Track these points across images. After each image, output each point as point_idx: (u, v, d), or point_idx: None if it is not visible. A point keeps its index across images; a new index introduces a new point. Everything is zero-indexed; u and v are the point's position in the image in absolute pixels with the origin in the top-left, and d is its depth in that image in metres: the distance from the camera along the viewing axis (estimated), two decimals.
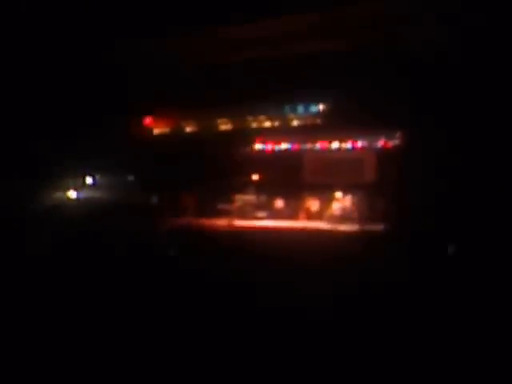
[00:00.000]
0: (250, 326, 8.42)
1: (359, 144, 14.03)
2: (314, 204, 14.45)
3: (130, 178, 15.73)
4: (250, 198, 14.97)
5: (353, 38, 12.83)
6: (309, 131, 14.26)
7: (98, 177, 16.38)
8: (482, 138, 11.30)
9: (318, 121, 14.14)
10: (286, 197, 14.66)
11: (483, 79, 10.94)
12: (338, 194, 14.10)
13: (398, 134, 13.55)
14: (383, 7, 11.89)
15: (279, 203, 14.77)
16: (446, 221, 11.17)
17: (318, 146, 14.40)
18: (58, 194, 16.13)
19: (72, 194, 16.10)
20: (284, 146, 14.68)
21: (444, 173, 11.63)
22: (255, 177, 14.89)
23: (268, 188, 14.66)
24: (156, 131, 15.60)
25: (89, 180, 16.37)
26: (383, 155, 13.64)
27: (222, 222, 14.51)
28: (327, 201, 14.23)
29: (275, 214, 14.66)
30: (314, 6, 11.87)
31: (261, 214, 14.77)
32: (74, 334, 8.19)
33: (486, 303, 8.71)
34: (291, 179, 14.32)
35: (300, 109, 14.26)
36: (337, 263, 11.00)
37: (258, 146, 14.83)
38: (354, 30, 12.75)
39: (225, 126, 14.96)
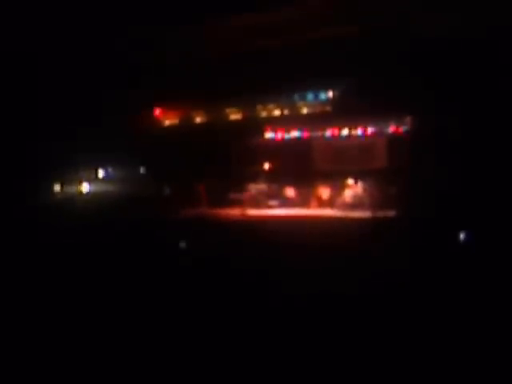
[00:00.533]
0: (263, 312, 8.50)
1: (369, 130, 14.01)
2: (325, 192, 14.47)
3: (142, 169, 15.85)
4: (261, 186, 15.02)
5: (364, 24, 12.77)
6: (319, 119, 14.25)
7: (110, 170, 16.52)
8: (493, 124, 11.22)
9: (328, 108, 14.13)
10: (296, 185, 14.69)
11: (495, 65, 10.85)
12: (349, 181, 14.10)
13: (408, 120, 13.50)
14: None
15: (290, 191, 14.81)
16: (458, 207, 11.15)
17: (329, 133, 14.39)
18: (71, 188, 16.31)
19: (85, 186, 16.26)
20: (294, 134, 14.69)
21: (455, 158, 11.59)
22: (266, 166, 14.92)
23: (279, 177, 14.69)
24: (166, 122, 15.67)
25: (101, 173, 16.51)
26: (393, 141, 13.61)
27: (233, 212, 14.58)
28: (338, 188, 14.24)
29: (287, 203, 14.71)
30: None
31: (272, 202, 14.82)
32: (88, 326, 8.32)
33: (496, 290, 8.70)
34: (302, 167, 14.33)
35: (310, 96, 14.25)
36: (348, 250, 11.02)
37: (268, 135, 14.85)
38: (365, 16, 12.70)
39: (235, 115, 14.99)
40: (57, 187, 16.28)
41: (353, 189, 14.08)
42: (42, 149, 15.38)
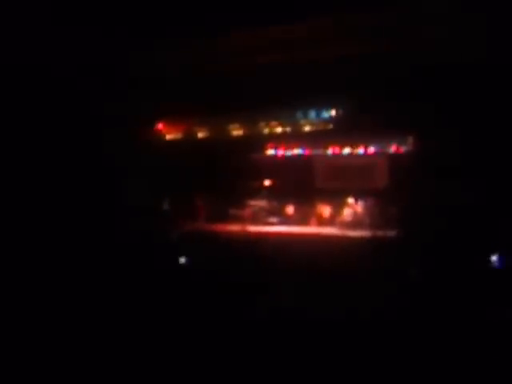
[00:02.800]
0: (263, 329, 8.39)
1: (371, 149, 13.98)
2: (325, 210, 14.39)
3: (141, 183, 15.78)
4: (261, 203, 14.94)
5: (364, 43, 12.83)
6: (320, 136, 14.24)
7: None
8: (498, 143, 11.19)
9: (330, 126, 14.13)
10: (297, 202, 14.62)
11: (499, 81, 10.86)
12: (350, 200, 14.03)
13: (409, 139, 13.48)
14: (395, 12, 11.90)
15: (291, 209, 14.73)
16: (461, 227, 11.06)
17: (330, 151, 14.36)
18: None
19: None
20: (295, 151, 14.67)
21: (458, 178, 11.53)
22: (267, 182, 14.87)
23: (279, 193, 14.63)
24: (168, 137, 15.66)
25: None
26: (395, 160, 13.58)
27: (233, 228, 14.49)
28: (339, 206, 14.15)
29: (287, 220, 14.62)
30: (326, 11, 11.89)
31: (272, 219, 14.74)
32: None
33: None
34: (302, 184, 14.28)
35: (312, 114, 14.26)
36: (349, 269, 10.94)
37: (269, 152, 14.83)
38: (366, 35, 12.75)
39: (236, 131, 14.98)
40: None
41: (353, 207, 14.00)
42: (40, 160, 15.35)
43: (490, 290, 9.36)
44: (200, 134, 15.31)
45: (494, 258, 10.47)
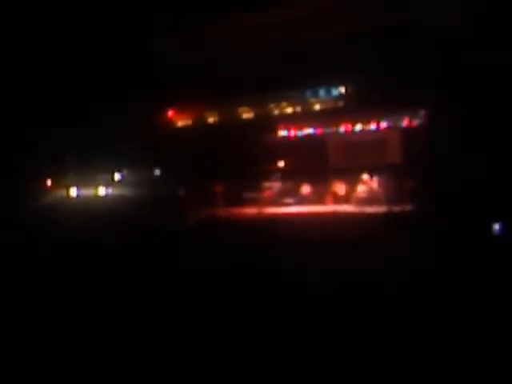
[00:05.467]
0: (281, 309, 8.49)
1: (383, 125, 13.92)
2: (340, 188, 14.41)
3: (157, 171, 15.91)
4: (276, 184, 15.00)
5: (372, 18, 12.70)
6: (332, 115, 14.19)
7: (125, 173, 16.59)
8: (507, 115, 11.07)
9: (341, 104, 14.06)
10: (312, 182, 14.64)
11: (507, 55, 10.69)
12: (364, 177, 14.02)
13: (422, 113, 13.39)
14: None
15: (306, 189, 14.76)
16: (474, 201, 11.02)
17: (342, 129, 14.32)
18: (88, 191, 16.43)
19: (101, 190, 16.36)
20: (307, 131, 14.65)
21: (470, 151, 11.46)
22: (280, 164, 14.91)
23: (294, 174, 14.66)
24: (179, 123, 15.71)
25: (117, 176, 16.60)
26: (408, 135, 13.51)
27: (249, 211, 14.58)
28: (353, 184, 14.16)
29: (302, 200, 14.67)
30: None
31: (288, 200, 14.79)
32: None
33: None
34: (316, 164, 14.29)
35: (322, 93, 14.19)
36: (365, 246, 10.96)
37: (281, 133, 14.83)
38: (373, 10, 12.61)
39: (247, 114, 14.98)
40: (73, 191, 16.43)
41: (368, 184, 14.00)
42: (56, 152, 15.55)
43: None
44: (211, 119, 15.35)
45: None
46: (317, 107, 14.26)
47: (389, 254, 10.41)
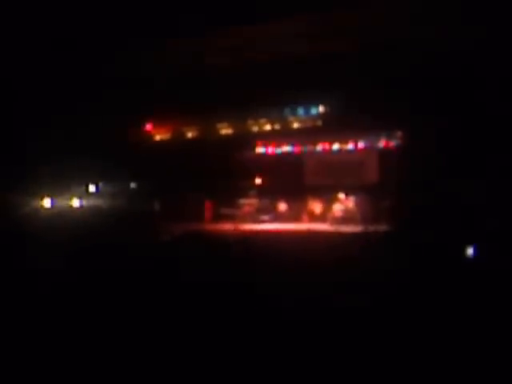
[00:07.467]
0: (255, 326, 8.42)
1: (360, 145, 14.04)
2: (316, 206, 14.44)
3: (133, 184, 15.77)
4: (252, 201, 14.97)
5: (353, 39, 12.84)
6: (309, 133, 14.28)
7: (101, 185, 16.41)
8: (485, 136, 11.24)
9: (319, 122, 14.16)
10: (288, 199, 14.65)
11: (485, 78, 10.89)
12: (341, 196, 14.08)
13: (399, 134, 13.55)
14: (384, 9, 11.91)
15: (282, 206, 14.76)
16: (449, 221, 11.13)
17: (319, 147, 14.41)
18: (61, 202, 16.20)
19: (75, 201, 16.14)
20: (285, 148, 14.71)
21: (446, 172, 11.60)
22: (257, 180, 14.90)
23: (270, 191, 14.65)
24: (157, 137, 15.64)
25: (92, 188, 16.41)
26: (385, 155, 13.64)
27: (225, 227, 14.50)
28: (330, 202, 14.21)
29: (278, 217, 14.66)
30: (314, 8, 11.89)
31: (264, 217, 14.76)
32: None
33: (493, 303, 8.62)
34: (293, 182, 14.33)
35: (300, 111, 14.28)
36: (340, 264, 10.96)
37: (259, 150, 14.86)
38: (354, 31, 12.76)
39: (225, 130, 14.99)
40: (47, 202, 16.19)
41: (344, 203, 14.05)
42: (31, 163, 15.32)
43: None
44: (189, 134, 15.32)
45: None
46: (295, 125, 14.34)
47: (363, 272, 10.44)
